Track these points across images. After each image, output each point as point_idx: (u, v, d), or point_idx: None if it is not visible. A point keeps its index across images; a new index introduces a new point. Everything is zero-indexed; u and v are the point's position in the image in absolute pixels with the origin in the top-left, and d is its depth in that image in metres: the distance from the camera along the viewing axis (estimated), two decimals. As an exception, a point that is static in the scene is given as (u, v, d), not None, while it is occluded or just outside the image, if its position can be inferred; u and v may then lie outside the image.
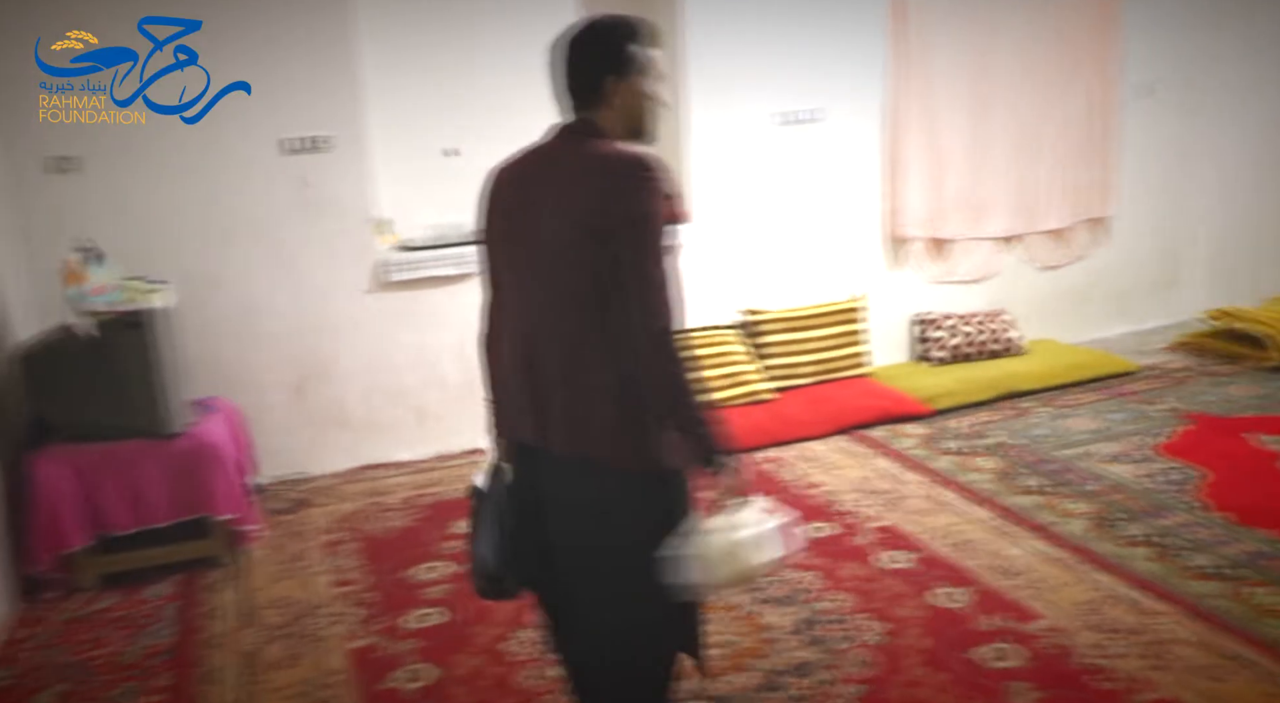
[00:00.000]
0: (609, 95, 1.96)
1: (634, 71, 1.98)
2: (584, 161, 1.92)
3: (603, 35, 1.99)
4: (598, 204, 1.85)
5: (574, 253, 1.87)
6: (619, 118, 1.98)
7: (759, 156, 4.83)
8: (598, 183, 1.87)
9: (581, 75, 1.98)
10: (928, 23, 4.97)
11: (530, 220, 1.94)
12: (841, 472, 4.04)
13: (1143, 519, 3.47)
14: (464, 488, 4.02)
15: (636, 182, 1.84)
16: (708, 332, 4.72)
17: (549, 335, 1.94)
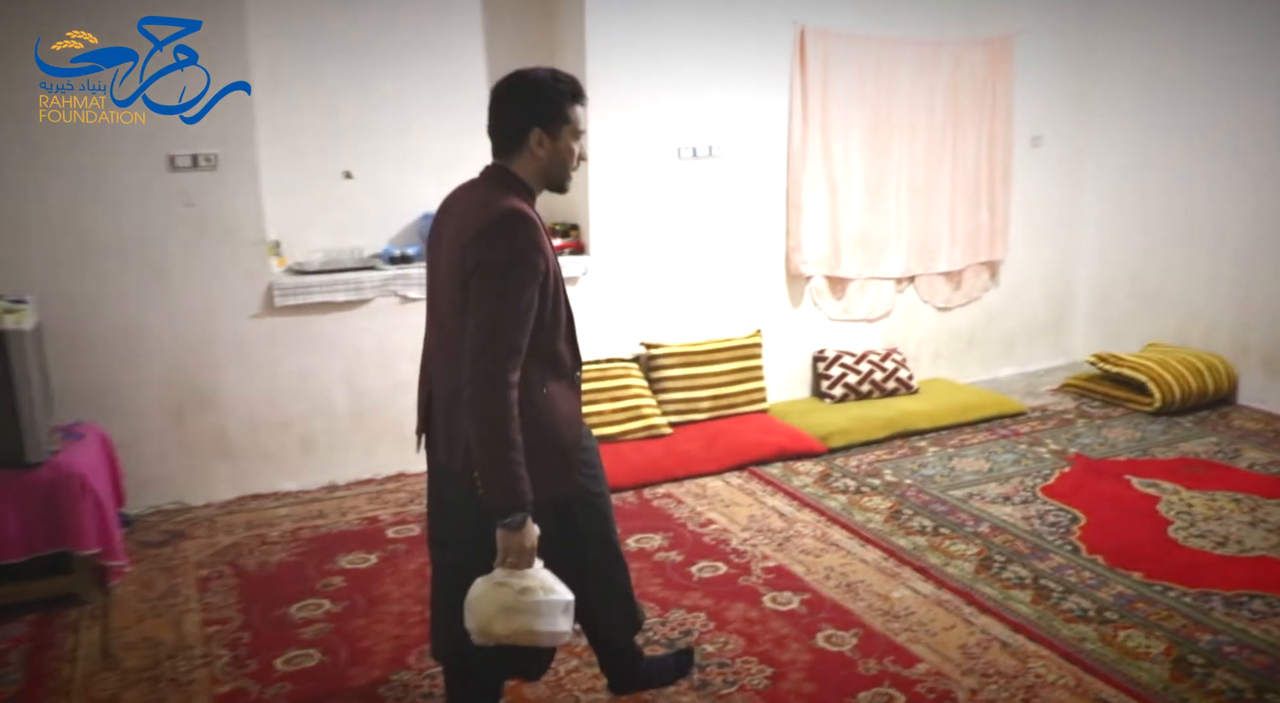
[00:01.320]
0: (533, 146, 2.10)
1: (560, 127, 2.11)
2: (474, 207, 2.07)
3: (534, 88, 2.10)
4: (469, 248, 2.00)
5: (451, 288, 2.06)
6: (538, 168, 2.12)
7: (660, 190, 4.84)
8: (473, 229, 2.01)
9: (507, 123, 2.11)
10: (829, 67, 5.07)
11: (437, 251, 2.16)
12: (735, 509, 4.04)
13: (1024, 561, 3.55)
14: (352, 520, 3.92)
15: (499, 233, 1.99)
16: (606, 364, 4.70)
17: (438, 359, 2.18)
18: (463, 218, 2.07)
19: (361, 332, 4.28)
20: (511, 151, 2.13)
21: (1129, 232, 5.96)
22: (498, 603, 2.01)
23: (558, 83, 2.12)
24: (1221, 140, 5.40)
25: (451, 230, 2.08)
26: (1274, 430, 5.02)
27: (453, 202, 2.18)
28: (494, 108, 2.14)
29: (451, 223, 2.11)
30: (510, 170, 2.13)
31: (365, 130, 4.45)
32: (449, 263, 2.06)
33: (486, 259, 1.98)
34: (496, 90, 2.14)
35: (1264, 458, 4.61)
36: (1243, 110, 5.28)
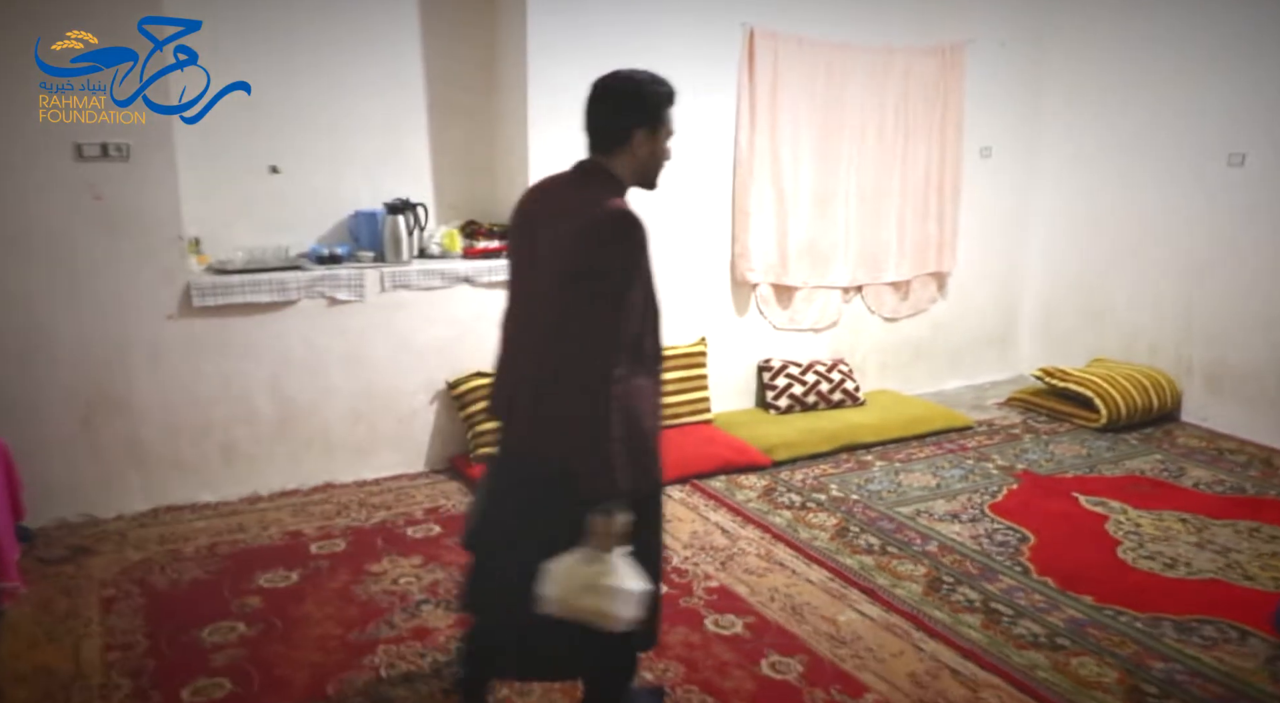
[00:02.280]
0: (634, 145, 2.17)
1: (659, 127, 2.19)
2: (579, 205, 2.11)
3: (638, 89, 2.18)
4: (578, 247, 2.05)
5: (551, 283, 2.09)
6: (635, 166, 2.19)
7: (607, 193, 4.67)
8: (581, 228, 2.06)
9: (609, 121, 2.18)
10: (779, 71, 4.96)
11: (529, 244, 2.19)
12: (677, 526, 3.89)
13: (973, 583, 3.45)
14: (273, 534, 3.70)
15: (612, 234, 2.04)
16: (546, 372, 4.52)
17: (525, 346, 2.20)
18: (568, 214, 2.11)
19: (287, 335, 4.05)
20: (610, 149, 2.19)
21: (1077, 246, 5.94)
22: (580, 580, 2.10)
23: (659, 85, 2.20)
24: (1172, 156, 5.39)
25: (552, 225, 2.14)
26: (1216, 449, 5.01)
27: (546, 196, 2.24)
28: (596, 106, 2.21)
29: (550, 217, 2.16)
30: (606, 168, 2.20)
31: (294, 123, 4.24)
32: (551, 256, 2.11)
33: (599, 259, 2.05)
34: (600, 89, 2.21)
35: (1208, 477, 4.59)
36: (1193, 127, 5.28)
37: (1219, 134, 5.16)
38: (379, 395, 4.28)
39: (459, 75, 4.57)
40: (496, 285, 4.46)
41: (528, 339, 2.20)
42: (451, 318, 4.40)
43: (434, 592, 3.28)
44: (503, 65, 4.57)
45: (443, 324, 4.38)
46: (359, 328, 4.19)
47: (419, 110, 4.52)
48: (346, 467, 4.25)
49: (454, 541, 3.68)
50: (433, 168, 4.61)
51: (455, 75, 4.56)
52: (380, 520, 3.87)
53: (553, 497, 2.13)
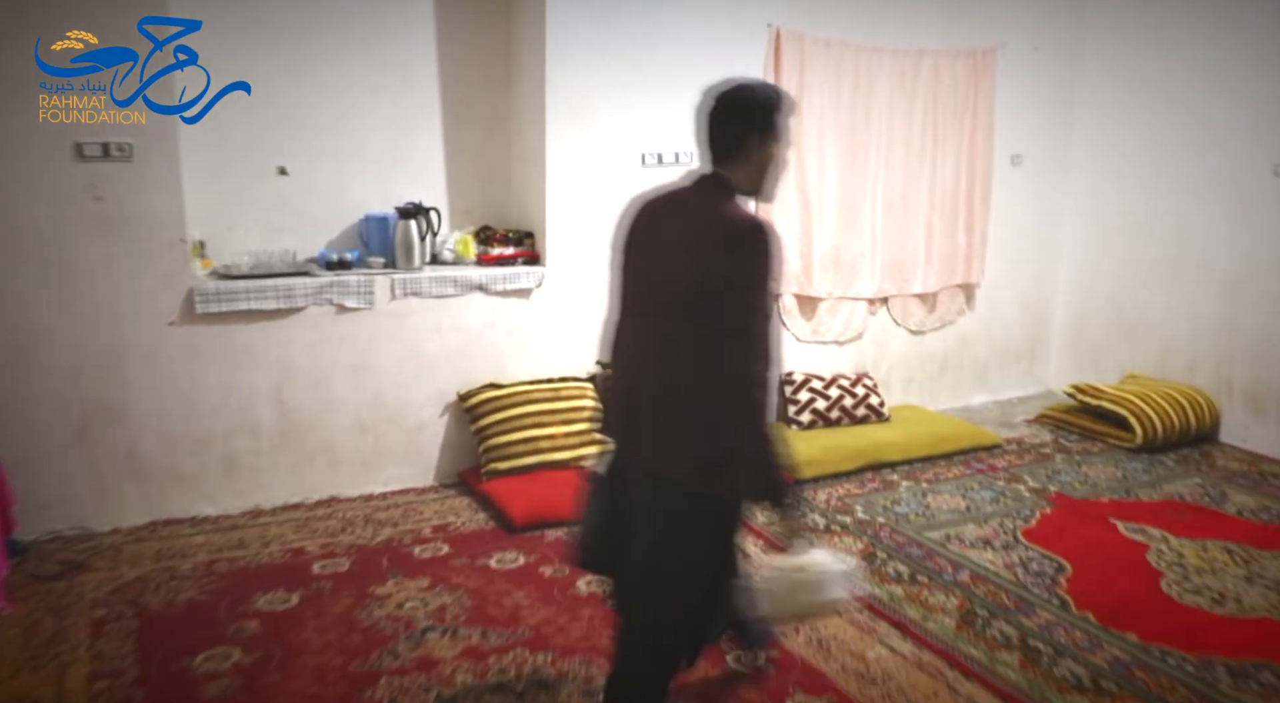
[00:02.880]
0: (749, 152, 2.16)
1: (775, 136, 2.18)
2: (711, 216, 2.11)
3: (755, 99, 2.18)
4: (712, 259, 2.05)
5: (686, 296, 2.10)
6: (751, 174, 2.18)
7: (622, 198, 4.46)
8: (720, 240, 2.06)
9: (728, 131, 2.17)
10: (805, 73, 4.78)
11: (654, 257, 2.21)
12: (696, 548, 3.71)
13: (1009, 617, 3.26)
14: (274, 551, 3.54)
15: (747, 243, 2.03)
16: (559, 384, 4.36)
17: (652, 361, 2.20)
18: (697, 226, 2.13)
19: (292, 343, 3.90)
20: (728, 159, 2.18)
21: (1109, 258, 5.74)
22: (789, 585, 2.21)
23: (776, 96, 2.22)
24: (1209, 165, 5.19)
25: (680, 238, 2.15)
26: (1259, 473, 4.80)
27: (663, 210, 2.25)
28: (714, 117, 2.19)
29: (676, 231, 2.17)
30: (725, 177, 2.19)
31: (302, 123, 4.08)
32: (674, 268, 2.13)
33: (737, 269, 2.05)
34: (715, 100, 2.19)
35: (1252, 503, 4.39)
36: (1234, 136, 5.08)
37: (1261, 143, 4.96)
38: (387, 407, 4.12)
39: (474, 76, 4.41)
40: (511, 293, 4.30)
41: (652, 354, 2.21)
42: (464, 327, 4.24)
43: (440, 618, 3.11)
44: (520, 67, 4.40)
45: (454, 333, 4.22)
46: (367, 336, 4.03)
47: (432, 112, 4.35)
48: (352, 481, 4.09)
49: (462, 561, 3.52)
50: (446, 172, 4.44)
51: (470, 76, 4.40)
52: (386, 538, 3.70)
53: (693, 506, 2.18)
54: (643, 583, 2.28)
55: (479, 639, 2.99)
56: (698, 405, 2.12)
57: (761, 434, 2.08)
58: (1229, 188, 5.12)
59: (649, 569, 2.25)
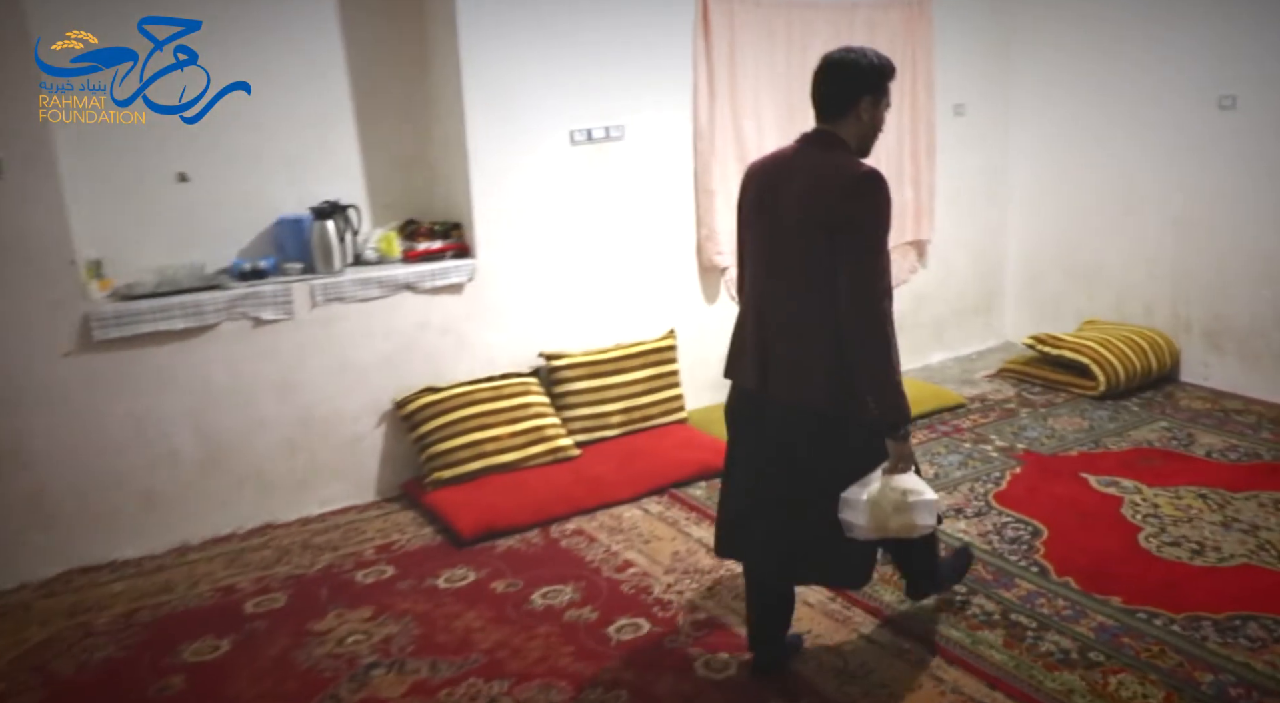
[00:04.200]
0: (861, 112, 2.41)
1: (881, 97, 2.44)
2: (826, 167, 2.37)
3: (865, 62, 2.42)
4: (834, 204, 2.30)
5: (808, 240, 2.35)
6: (859, 131, 2.44)
7: (553, 180, 4.27)
8: (836, 187, 2.32)
9: (840, 91, 2.42)
10: (736, 35, 4.55)
11: (774, 207, 2.44)
12: (656, 546, 3.52)
13: (989, 591, 3.10)
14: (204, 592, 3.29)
15: (865, 190, 2.30)
16: (501, 381, 4.12)
17: (779, 303, 2.45)
18: (820, 176, 2.36)
19: (208, 363, 3.62)
20: (838, 117, 2.43)
21: (1060, 205, 5.59)
22: (890, 503, 2.39)
23: (887, 63, 2.46)
24: (1153, 102, 5.04)
25: (803, 187, 2.37)
26: (1222, 410, 4.71)
27: (784, 164, 2.48)
28: (828, 77, 2.44)
29: (798, 182, 2.39)
30: (835, 134, 2.43)
31: (204, 124, 3.75)
32: (799, 216, 2.37)
33: (857, 213, 2.29)
34: (828, 63, 2.45)
35: (1219, 443, 4.28)
36: (1179, 69, 4.93)
37: (1207, 76, 4.82)
38: (318, 422, 3.86)
39: (387, 63, 4.12)
40: (442, 290, 4.06)
41: (781, 295, 2.44)
42: (394, 330, 3.99)
43: (385, 651, 2.88)
44: (434, 49, 4.12)
45: (385, 338, 3.97)
46: (290, 349, 3.77)
47: (343, 103, 4.06)
48: (287, 504, 3.84)
49: (408, 584, 3.29)
50: (364, 165, 4.16)
51: (383, 63, 4.11)
52: (326, 565, 3.46)
53: (832, 433, 2.43)
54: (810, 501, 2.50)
55: (428, 672, 2.76)
56: (827, 339, 2.36)
57: (887, 361, 2.32)
58: (1175, 124, 4.98)
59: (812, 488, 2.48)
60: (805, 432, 2.45)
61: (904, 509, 2.39)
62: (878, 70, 2.43)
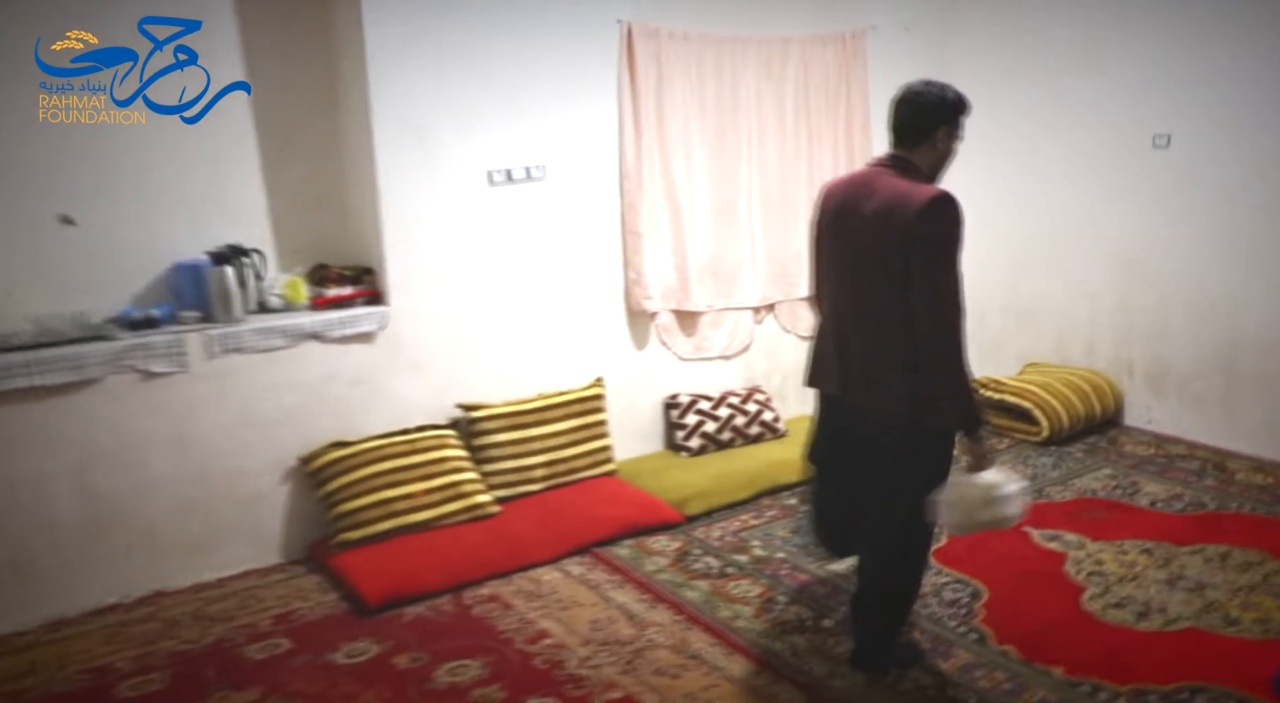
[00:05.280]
0: (937, 141, 2.62)
1: (954, 129, 2.64)
2: (903, 189, 2.53)
3: (947, 97, 2.63)
4: (911, 224, 2.45)
5: (885, 257, 2.52)
6: (933, 159, 2.65)
7: (471, 222, 4.06)
8: (912, 208, 2.46)
9: (922, 121, 2.61)
10: (663, 70, 4.40)
11: (853, 226, 2.62)
12: (575, 613, 3.29)
13: (925, 663, 2.91)
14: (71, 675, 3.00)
15: (939, 212, 2.46)
16: (416, 435, 3.89)
17: (858, 316, 2.65)
18: (893, 200, 2.52)
19: (91, 421, 3.35)
20: (915, 144, 2.63)
21: (1001, 243, 5.46)
22: (977, 500, 2.58)
23: (962, 99, 2.66)
24: (1091, 140, 4.96)
25: (879, 210, 2.55)
26: (1166, 455, 4.60)
27: (861, 188, 2.65)
28: (906, 107, 2.64)
29: (876, 205, 2.56)
30: (910, 159, 2.63)
31: (95, 163, 3.51)
32: (877, 235, 2.54)
33: (932, 233, 2.46)
34: (911, 93, 2.65)
35: (1163, 491, 4.16)
36: (1111, 107, 4.86)
37: (1140, 115, 4.74)
38: (215, 480, 3.60)
39: (295, 100, 3.89)
40: (352, 339, 3.83)
41: (862, 312, 2.65)
42: (300, 382, 3.75)
43: (268, 743, 2.63)
44: (344, 87, 3.92)
45: (290, 390, 3.73)
46: (184, 403, 3.51)
47: (247, 139, 3.83)
48: (181, 570, 3.56)
49: (303, 660, 3.03)
50: (270, 208, 3.92)
51: (291, 100, 3.88)
52: (216, 639, 3.19)
53: (909, 438, 2.63)
54: (885, 505, 2.74)
55: (310, 769, 2.52)
56: (903, 352, 2.55)
57: (960, 372, 2.50)
58: (1112, 163, 4.91)
59: (887, 494, 2.72)
60: (884, 435, 2.66)
61: (991, 503, 2.58)
62: (955, 104, 2.64)
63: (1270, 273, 4.39)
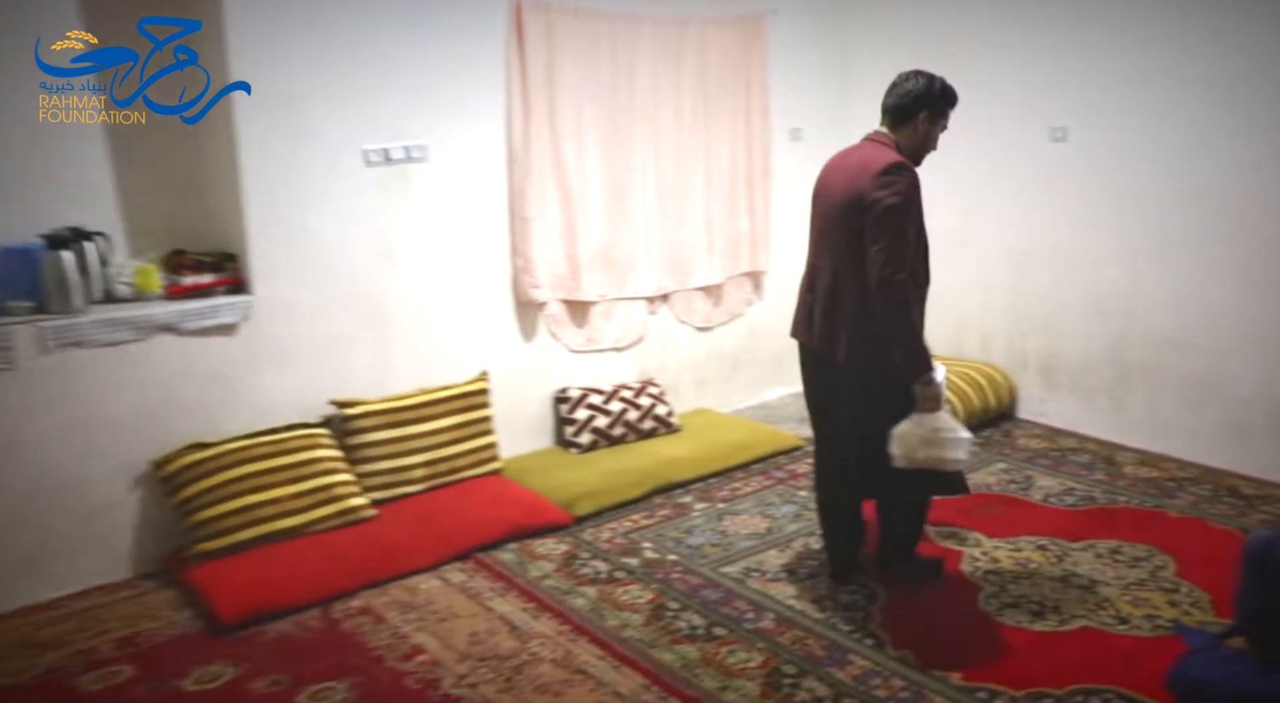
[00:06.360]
0: (917, 123, 2.98)
1: (937, 117, 3.00)
2: (869, 158, 2.90)
3: (934, 86, 2.98)
4: (866, 189, 2.82)
5: (846, 217, 2.90)
6: (914, 141, 2.99)
7: (346, 206, 3.79)
8: (869, 175, 2.83)
9: (904, 102, 2.97)
10: (555, 49, 4.18)
11: (829, 191, 3.02)
12: (453, 625, 3.07)
13: (820, 672, 2.79)
14: None
15: (890, 179, 2.81)
16: (285, 435, 3.61)
17: (822, 274, 3.03)
18: (858, 168, 2.88)
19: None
20: (899, 125, 2.97)
21: (895, 232, 5.41)
22: (919, 438, 2.85)
23: (946, 86, 2.99)
24: (991, 136, 4.91)
25: (845, 177, 2.92)
26: (1058, 448, 4.60)
27: (843, 155, 3.05)
28: (898, 90, 2.98)
29: (845, 173, 2.94)
30: (892, 137, 2.96)
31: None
32: (842, 199, 2.90)
33: (882, 197, 2.78)
34: (903, 77, 3.00)
35: (1056, 486, 4.14)
36: (1009, 99, 4.82)
37: (1038, 107, 4.72)
38: (52, 490, 3.26)
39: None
40: (211, 332, 3.53)
41: (824, 266, 3.01)
42: (152, 379, 3.43)
43: (97, 788, 2.35)
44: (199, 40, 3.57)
45: (140, 388, 3.41)
46: (11, 405, 3.17)
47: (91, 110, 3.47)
48: (11, 590, 3.21)
49: (147, 688, 2.75)
50: (118, 186, 3.58)
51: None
52: (47, 668, 2.86)
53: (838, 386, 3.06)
54: (847, 437, 3.11)
55: (143, 817, 2.25)
56: (854, 305, 2.90)
57: (906, 324, 2.82)
58: (1011, 156, 4.87)
59: (850, 425, 3.08)
60: (845, 381, 3.01)
61: (933, 443, 2.84)
62: (939, 94, 2.96)
63: (1160, 267, 4.40)
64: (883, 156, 2.84)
